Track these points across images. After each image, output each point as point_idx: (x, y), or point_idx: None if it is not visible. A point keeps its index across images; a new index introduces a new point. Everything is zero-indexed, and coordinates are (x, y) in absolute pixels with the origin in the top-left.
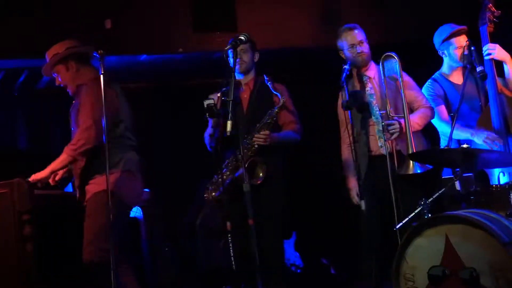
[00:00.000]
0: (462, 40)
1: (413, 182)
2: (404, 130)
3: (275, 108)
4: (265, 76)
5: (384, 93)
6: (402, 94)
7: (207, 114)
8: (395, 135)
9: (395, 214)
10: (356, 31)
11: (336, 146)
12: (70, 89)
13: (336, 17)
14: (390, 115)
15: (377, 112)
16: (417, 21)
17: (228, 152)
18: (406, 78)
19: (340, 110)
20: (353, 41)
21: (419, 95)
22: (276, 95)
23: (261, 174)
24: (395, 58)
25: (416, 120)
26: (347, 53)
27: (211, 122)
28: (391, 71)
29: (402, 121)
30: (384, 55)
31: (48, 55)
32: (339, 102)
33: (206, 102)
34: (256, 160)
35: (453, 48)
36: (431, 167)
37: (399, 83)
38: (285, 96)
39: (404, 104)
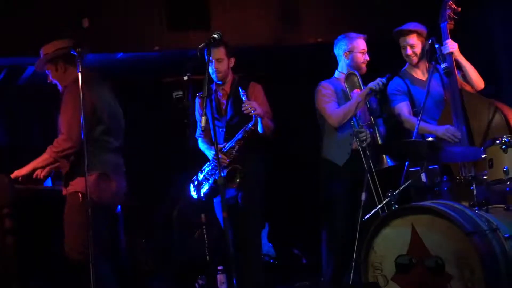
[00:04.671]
0: (409, 40)
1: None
2: None
3: (250, 124)
4: (240, 89)
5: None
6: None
7: (176, 105)
8: (367, 141)
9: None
10: (364, 41)
11: (306, 139)
12: (60, 87)
13: (302, 18)
14: (358, 123)
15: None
16: (377, 20)
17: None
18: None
19: None
20: (364, 48)
21: None
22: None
23: (237, 180)
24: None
25: None
26: (356, 56)
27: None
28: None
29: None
30: (348, 72)
31: (42, 52)
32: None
33: (174, 94)
34: (236, 168)
35: (401, 46)
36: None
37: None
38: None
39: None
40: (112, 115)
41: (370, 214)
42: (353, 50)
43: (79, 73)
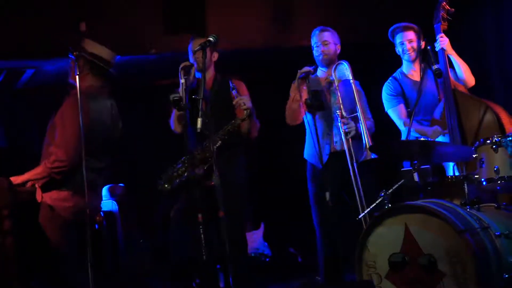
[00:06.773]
0: (408, 35)
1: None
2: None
3: (239, 119)
4: (230, 82)
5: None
6: (355, 96)
7: (174, 107)
8: (351, 134)
9: (359, 204)
10: (326, 33)
11: (298, 140)
12: (71, 80)
13: (296, 20)
14: (343, 115)
15: (337, 111)
16: (369, 23)
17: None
18: (359, 87)
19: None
20: (318, 40)
21: (366, 107)
22: (234, 90)
23: (214, 178)
24: (345, 65)
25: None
26: (314, 51)
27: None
28: (343, 76)
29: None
30: (337, 63)
31: (83, 43)
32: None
33: (172, 96)
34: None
35: (398, 43)
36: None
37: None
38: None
39: (357, 105)
40: (102, 136)
41: (364, 214)
42: (313, 46)
43: (76, 76)
